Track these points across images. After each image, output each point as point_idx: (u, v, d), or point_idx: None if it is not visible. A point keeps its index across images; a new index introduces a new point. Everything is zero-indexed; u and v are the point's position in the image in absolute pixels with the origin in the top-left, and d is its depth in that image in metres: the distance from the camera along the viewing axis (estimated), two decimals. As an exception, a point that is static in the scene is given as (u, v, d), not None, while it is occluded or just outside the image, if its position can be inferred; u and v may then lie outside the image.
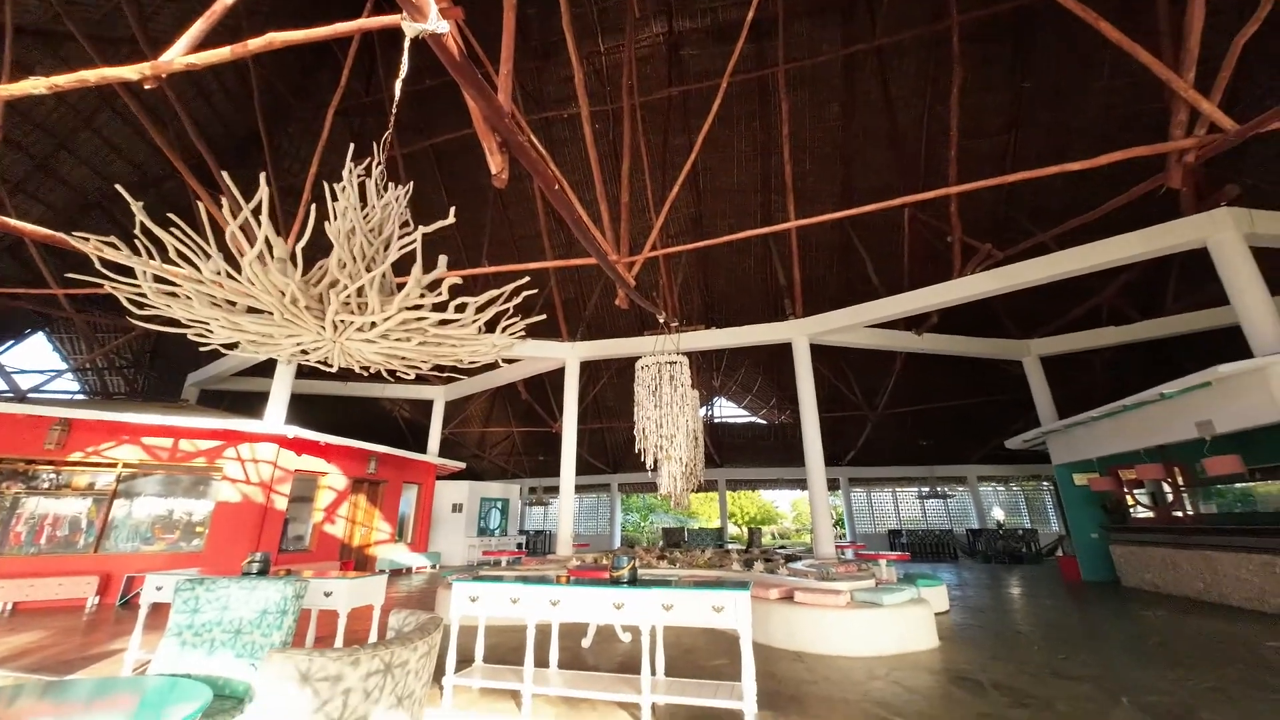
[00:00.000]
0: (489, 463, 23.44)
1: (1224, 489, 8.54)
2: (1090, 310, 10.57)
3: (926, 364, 14.64)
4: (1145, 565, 8.40)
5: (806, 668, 4.29)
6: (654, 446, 7.69)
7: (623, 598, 3.30)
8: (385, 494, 12.37)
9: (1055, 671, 4.12)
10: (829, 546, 8.88)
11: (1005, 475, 18.81)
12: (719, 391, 21.78)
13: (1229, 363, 6.07)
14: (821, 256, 14.42)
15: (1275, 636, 5.19)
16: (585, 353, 11.25)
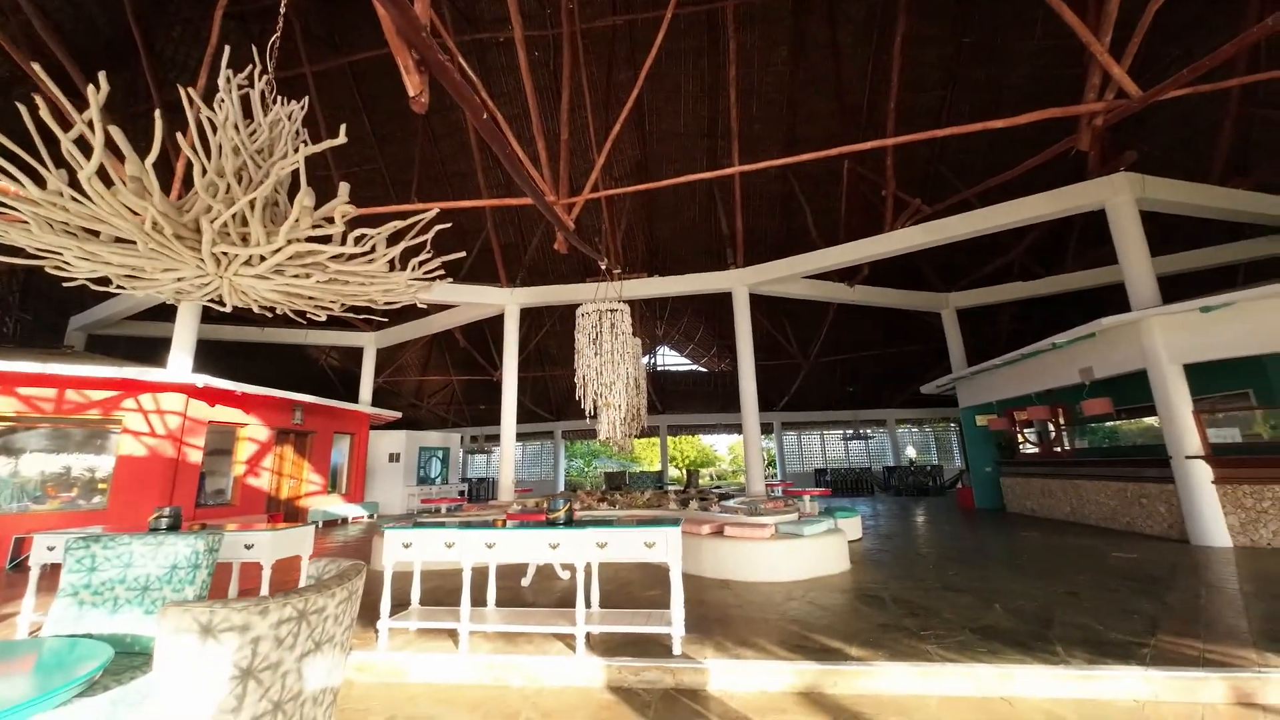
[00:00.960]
0: (427, 412, 22.86)
1: (1095, 428, 9.76)
2: (1002, 267, 11.39)
3: (856, 315, 15.40)
4: (1027, 494, 9.58)
5: (733, 594, 4.65)
6: (594, 394, 7.73)
7: (558, 538, 3.39)
8: (314, 445, 11.84)
9: (945, 585, 4.69)
10: (760, 485, 9.47)
11: (919, 418, 20.56)
12: (662, 340, 22.05)
13: (1111, 316, 6.77)
14: (764, 206, 14.48)
15: (1120, 548, 6.14)
16: (525, 299, 10.95)
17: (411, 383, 22.18)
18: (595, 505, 8.02)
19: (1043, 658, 2.94)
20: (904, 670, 2.89)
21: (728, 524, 5.50)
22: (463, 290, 10.93)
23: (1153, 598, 4.09)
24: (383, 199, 12.47)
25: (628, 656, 3.18)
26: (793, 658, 3.08)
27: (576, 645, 3.26)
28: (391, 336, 13.85)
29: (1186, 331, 6.44)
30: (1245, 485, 5.93)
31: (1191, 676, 2.68)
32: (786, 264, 9.99)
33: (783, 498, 8.64)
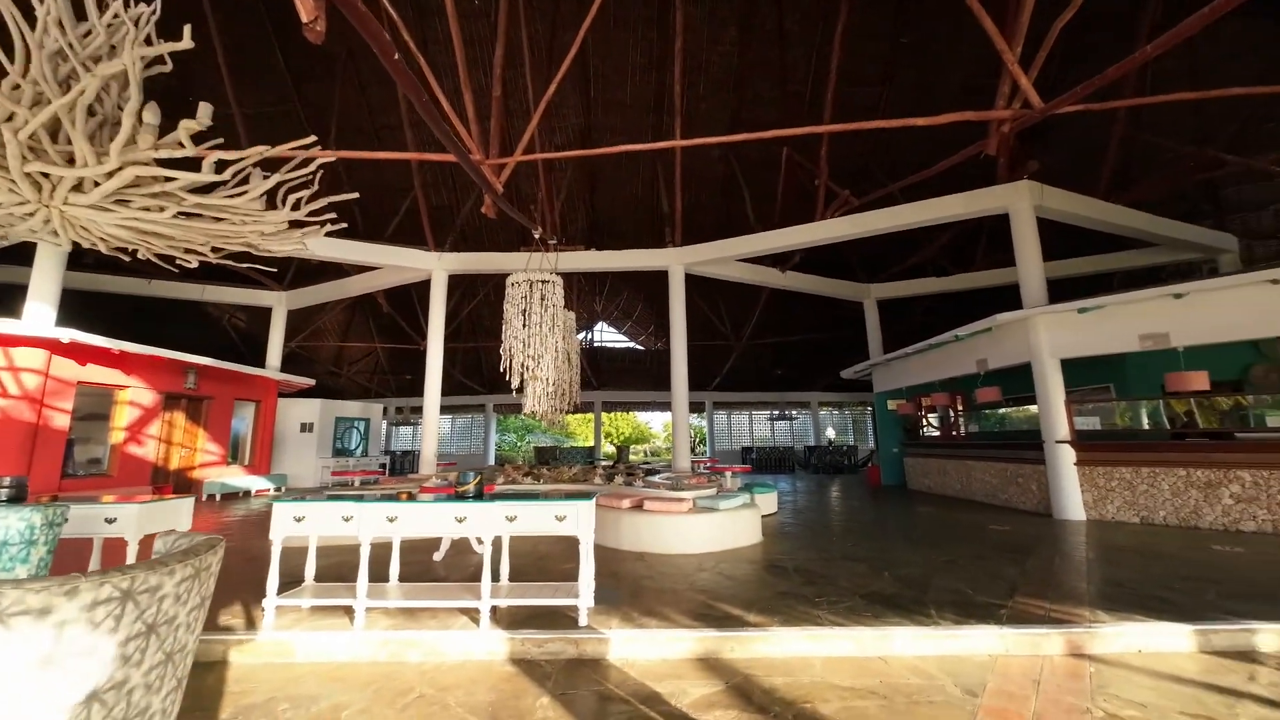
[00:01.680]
0: (348, 381, 21.54)
1: (986, 414, 10.76)
2: (919, 262, 12.14)
3: (787, 300, 15.95)
4: (926, 472, 10.46)
5: (647, 566, 4.75)
6: (520, 366, 7.54)
7: (465, 511, 3.28)
8: (211, 411, 10.83)
9: (845, 555, 5.03)
10: (686, 462, 9.71)
11: (840, 401, 21.84)
12: (601, 316, 21.87)
13: (1005, 312, 7.40)
14: (706, 188, 14.51)
15: (997, 522, 6.85)
16: (453, 265, 10.42)
17: (330, 349, 20.78)
18: (520, 479, 7.91)
19: (918, 620, 3.22)
20: (795, 634, 3.06)
21: (647, 499, 5.59)
22: (385, 251, 10.23)
23: (1016, 565, 4.58)
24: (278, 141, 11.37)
25: (532, 629, 3.16)
26: (694, 626, 3.18)
27: (481, 619, 3.20)
28: (304, 297, 12.80)
29: (1065, 330, 7.17)
30: (1099, 467, 6.76)
31: (1036, 633, 3.03)
32: (723, 246, 10.12)
33: (706, 474, 8.91)
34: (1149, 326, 6.56)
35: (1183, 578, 4.07)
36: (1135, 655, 2.96)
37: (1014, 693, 2.55)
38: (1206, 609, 3.33)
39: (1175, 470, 6.26)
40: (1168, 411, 8.34)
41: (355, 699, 2.62)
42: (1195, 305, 6.30)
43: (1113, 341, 6.82)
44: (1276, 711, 2.36)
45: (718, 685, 2.69)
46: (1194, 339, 6.27)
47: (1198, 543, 5.33)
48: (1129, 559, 4.71)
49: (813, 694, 2.59)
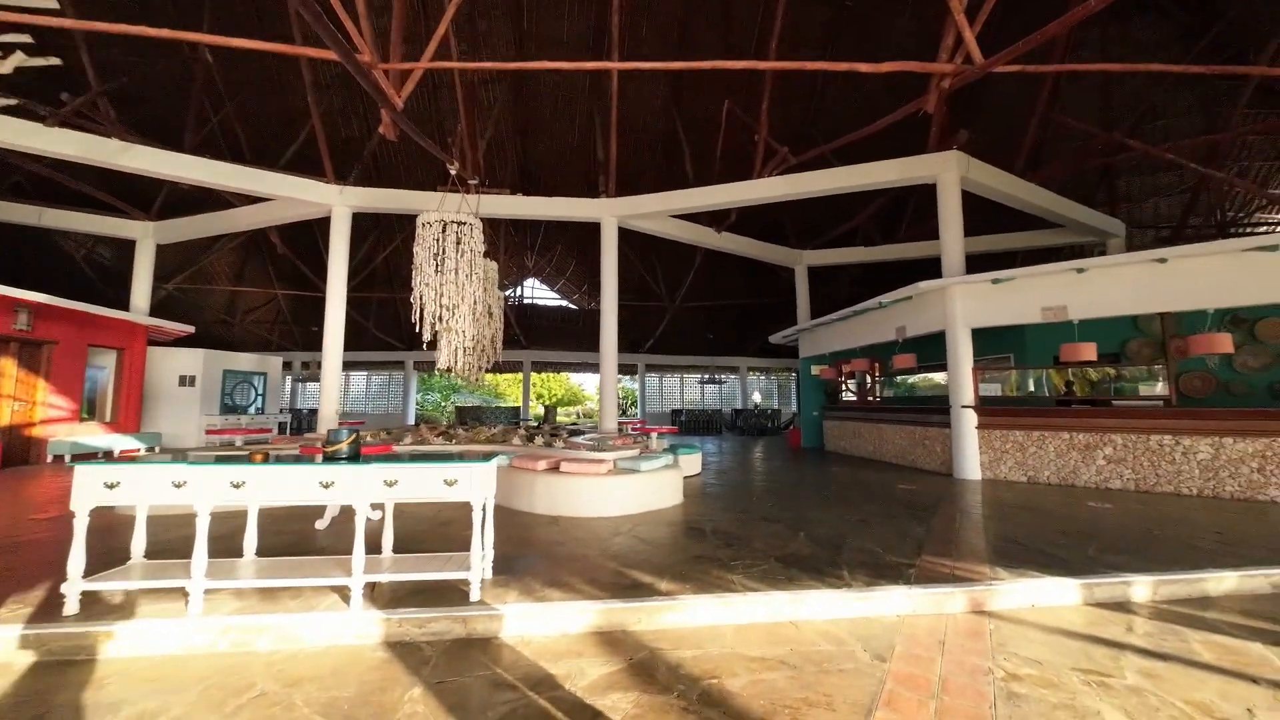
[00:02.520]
0: (244, 330, 19.36)
1: (900, 381, 11.30)
2: (849, 231, 12.32)
3: (722, 263, 15.85)
4: (842, 435, 10.90)
5: (560, 531, 4.44)
6: (432, 317, 6.83)
7: (332, 475, 2.76)
8: (54, 359, 9.17)
9: (763, 516, 4.98)
10: (612, 423, 9.46)
11: (767, 367, 22.48)
12: (532, 272, 20.87)
13: (926, 280, 7.58)
14: (646, 141, 13.85)
15: (905, 481, 7.17)
16: (357, 201, 9.24)
17: (221, 294, 18.50)
18: (432, 440, 7.30)
19: (831, 582, 3.13)
20: (706, 602, 2.87)
21: (564, 460, 5.25)
22: (274, 180, 8.86)
23: (922, 523, 4.72)
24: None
25: (414, 607, 2.75)
26: (600, 596, 2.91)
27: (352, 597, 2.75)
28: (178, 230, 11.01)
29: (977, 300, 7.46)
30: (996, 430, 7.20)
31: (941, 592, 3.03)
32: (658, 199, 9.66)
33: (632, 435, 8.71)
34: (1050, 300, 6.92)
35: (1066, 533, 4.33)
36: (1030, 610, 3.03)
37: (920, 655, 2.49)
38: (1088, 563, 3.50)
39: (1060, 434, 6.76)
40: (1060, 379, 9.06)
41: (171, 702, 2.12)
42: (1092, 281, 6.69)
43: (1018, 313, 7.16)
44: (1152, 661, 2.45)
45: (620, 663, 2.44)
46: (1088, 313, 6.68)
47: (1075, 500, 5.78)
48: (1021, 516, 4.99)
49: (721, 667, 2.40)
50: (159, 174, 8.11)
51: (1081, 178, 11.70)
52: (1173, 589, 3.23)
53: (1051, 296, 6.92)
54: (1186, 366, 7.47)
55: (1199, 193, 11.73)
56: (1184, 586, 3.25)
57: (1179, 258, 6.09)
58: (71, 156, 7.47)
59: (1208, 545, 3.96)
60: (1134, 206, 12.94)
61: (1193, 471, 5.96)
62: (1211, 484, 5.86)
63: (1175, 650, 2.55)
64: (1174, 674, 2.34)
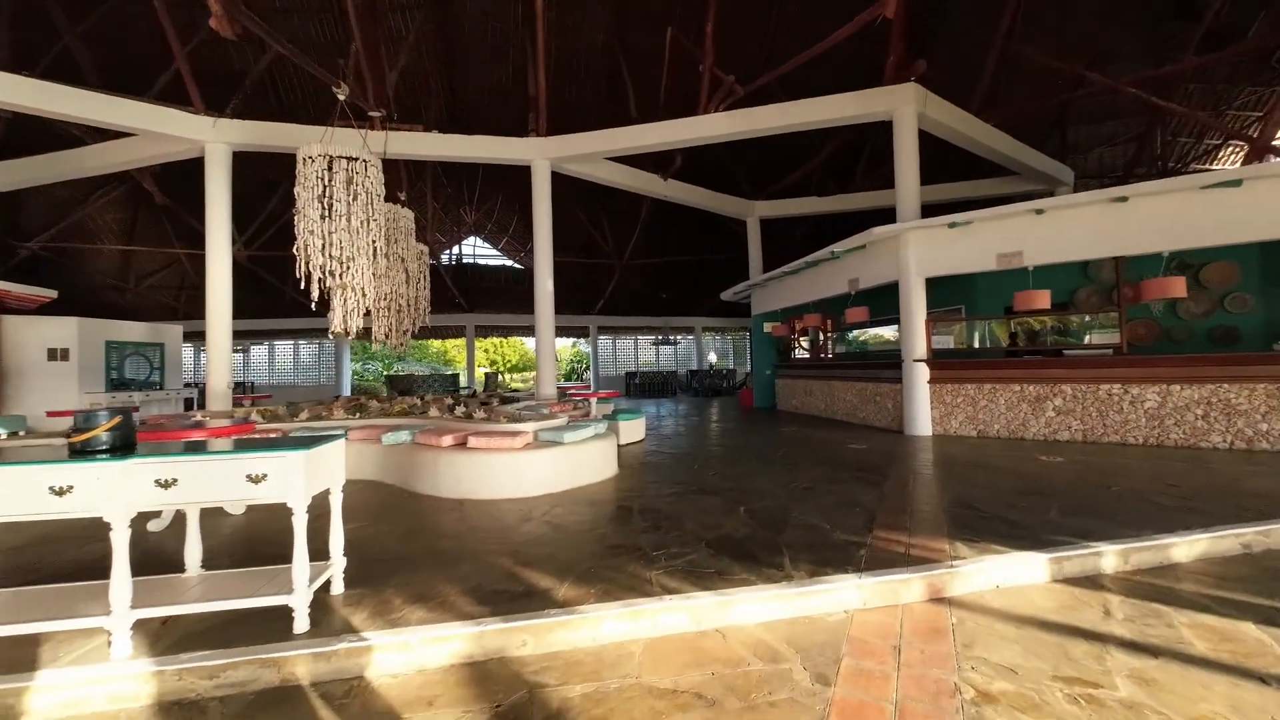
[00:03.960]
0: (141, 297, 17.24)
1: (851, 338, 11.01)
2: (801, 180, 11.67)
3: (671, 217, 15.00)
4: (793, 393, 10.58)
5: (460, 518, 3.75)
6: (319, 270, 5.79)
7: (67, 477, 1.93)
8: None
9: (700, 488, 4.44)
10: (550, 388, 8.73)
11: (722, 326, 22.07)
12: (474, 230, 19.37)
13: (881, 226, 7.06)
14: (589, 83, 12.55)
15: (855, 440, 6.83)
16: (236, 136, 7.82)
17: (109, 255, 16.28)
18: (335, 414, 6.37)
19: (768, 574, 2.58)
20: (612, 614, 2.26)
21: (472, 434, 4.51)
22: (124, 108, 7.32)
23: (873, 487, 4.29)
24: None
25: (212, 648, 2.02)
26: (477, 613, 2.25)
27: (114, 643, 1.98)
28: (11, 174, 9.18)
29: (932, 247, 7.03)
30: (948, 384, 6.92)
31: (896, 579, 2.53)
32: (594, 139, 8.66)
33: (570, 400, 8.03)
34: (1006, 245, 6.54)
35: (1023, 493, 3.98)
36: (995, 594, 2.59)
37: (873, 671, 1.97)
38: (1051, 529, 3.11)
39: (1011, 386, 6.52)
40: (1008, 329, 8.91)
41: None
42: (1049, 224, 6.32)
43: (973, 260, 6.77)
44: (1142, 659, 2.01)
45: (483, 713, 1.80)
46: (1044, 258, 6.35)
47: (1026, 454, 5.54)
48: (976, 476, 4.65)
49: (618, 708, 1.80)
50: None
51: (1032, 125, 11.39)
52: (1143, 556, 2.87)
53: (1007, 242, 6.54)
54: (1133, 314, 7.36)
55: (1145, 142, 11.68)
56: (1154, 554, 2.89)
57: (1140, 195, 5.76)
58: None
59: (1167, 501, 3.67)
60: (1080, 156, 12.85)
61: (1139, 420, 5.82)
62: (1157, 433, 5.73)
63: (1164, 640, 2.14)
64: (1170, 677, 1.91)
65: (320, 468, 2.28)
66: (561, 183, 13.06)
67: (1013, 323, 8.69)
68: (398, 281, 7.93)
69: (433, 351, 35.02)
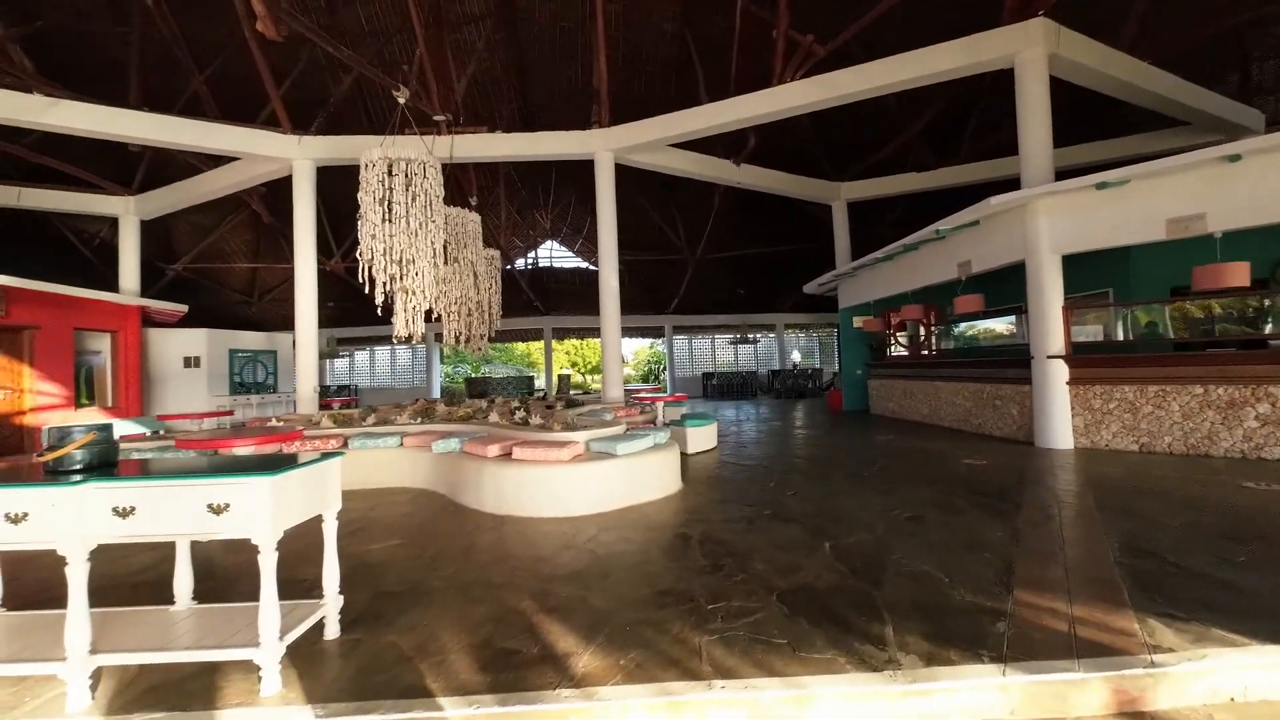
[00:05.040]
0: (263, 310, 19.24)
1: (959, 332, 9.52)
2: (895, 154, 10.29)
3: (746, 206, 14.09)
4: (890, 395, 9.33)
5: (497, 540, 3.35)
6: (384, 274, 5.76)
7: (23, 503, 1.70)
8: (37, 344, 8.80)
9: (777, 512, 3.73)
10: (617, 391, 8.32)
11: (807, 323, 20.62)
12: (550, 234, 19.62)
13: (999, 195, 5.84)
14: (655, 72, 12.04)
15: (971, 453, 5.69)
16: (320, 152, 8.20)
17: (240, 273, 18.26)
18: (399, 419, 6.36)
19: (861, 653, 1.88)
20: (642, 702, 1.69)
21: (517, 444, 4.13)
22: (219, 133, 7.91)
23: (1003, 520, 3.34)
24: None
25: (176, 706, 1.72)
26: (472, 685, 1.78)
27: (69, 696, 1.73)
28: (158, 203, 10.38)
29: (1070, 217, 5.69)
30: (1096, 386, 5.56)
31: (1062, 680, 1.72)
32: (657, 124, 8.12)
33: (637, 404, 7.55)
34: (1181, 208, 5.10)
35: (1237, 538, 2.87)
36: (1227, 710, 1.69)
37: None
38: (1310, 606, 2.09)
39: (1189, 388, 5.07)
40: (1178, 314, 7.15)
41: None
42: (1245, 175, 4.83)
43: (1130, 229, 5.38)
44: None
45: None
46: (1237, 221, 4.86)
47: (1221, 478, 4.20)
48: (1151, 508, 3.51)
49: None
50: (95, 132, 7.31)
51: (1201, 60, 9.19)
52: None
53: (1182, 203, 5.10)
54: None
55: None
56: None
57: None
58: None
59: None
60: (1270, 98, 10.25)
61: (1401, 435, 4.23)
62: None
63: None
64: None
65: (298, 494, 1.93)
66: (630, 178, 12.64)
67: (1176, 308, 6.96)
68: (466, 285, 7.91)
69: (517, 354, 36.31)
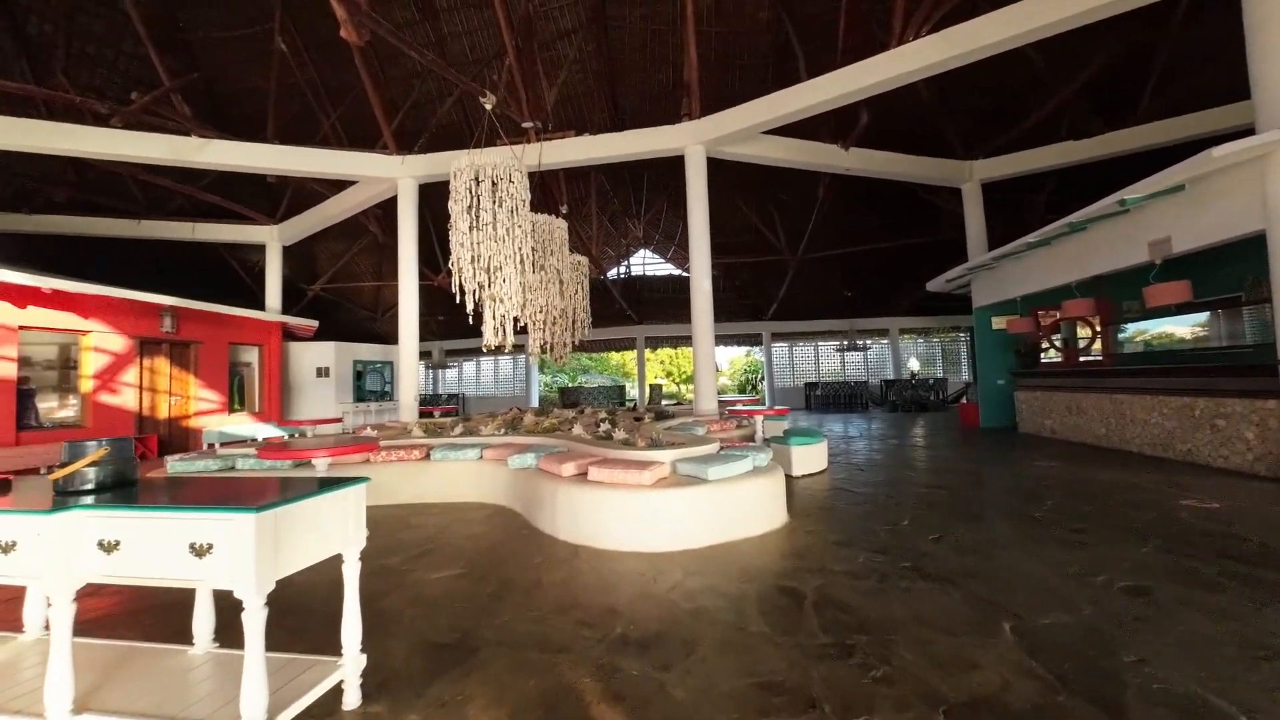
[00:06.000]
0: (388, 325, 21.10)
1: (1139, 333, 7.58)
2: (1045, 120, 8.54)
3: (854, 198, 12.76)
4: (1047, 410, 7.65)
5: (566, 578, 2.86)
6: (472, 280, 5.65)
7: (10, 531, 1.47)
8: (201, 357, 10.09)
9: (917, 565, 2.85)
10: (710, 402, 7.63)
11: (926, 327, 18.36)
12: (643, 242, 19.48)
13: (1223, 145, 4.37)
14: (751, 64, 11.29)
15: (1186, 490, 4.25)
16: (422, 169, 8.53)
17: (368, 291, 20.19)
18: (482, 430, 6.22)
19: None
20: None
21: (593, 463, 3.64)
22: (331, 158, 8.51)
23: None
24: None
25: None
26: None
27: (50, 762, 1.46)
28: (294, 229, 11.59)
29: (1345, 167, 4.08)
30: (1399, 401, 3.88)
31: None
32: (752, 109, 7.38)
33: (732, 418, 6.82)
34: None
35: None
36: None
37: None
38: None
39: None
40: None
41: None
42: None
43: None
44: None
45: None
46: None
47: None
48: None
49: None
50: (235, 166, 8.20)
51: None
52: None
53: None
54: None
55: None
56: None
57: None
58: (160, 159, 7.78)
59: None
60: None
61: None
62: None
63: None
64: None
65: (300, 533, 1.54)
66: (724, 176, 11.95)
67: None
68: (552, 293, 7.73)
69: (613, 364, 36.74)
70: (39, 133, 7.49)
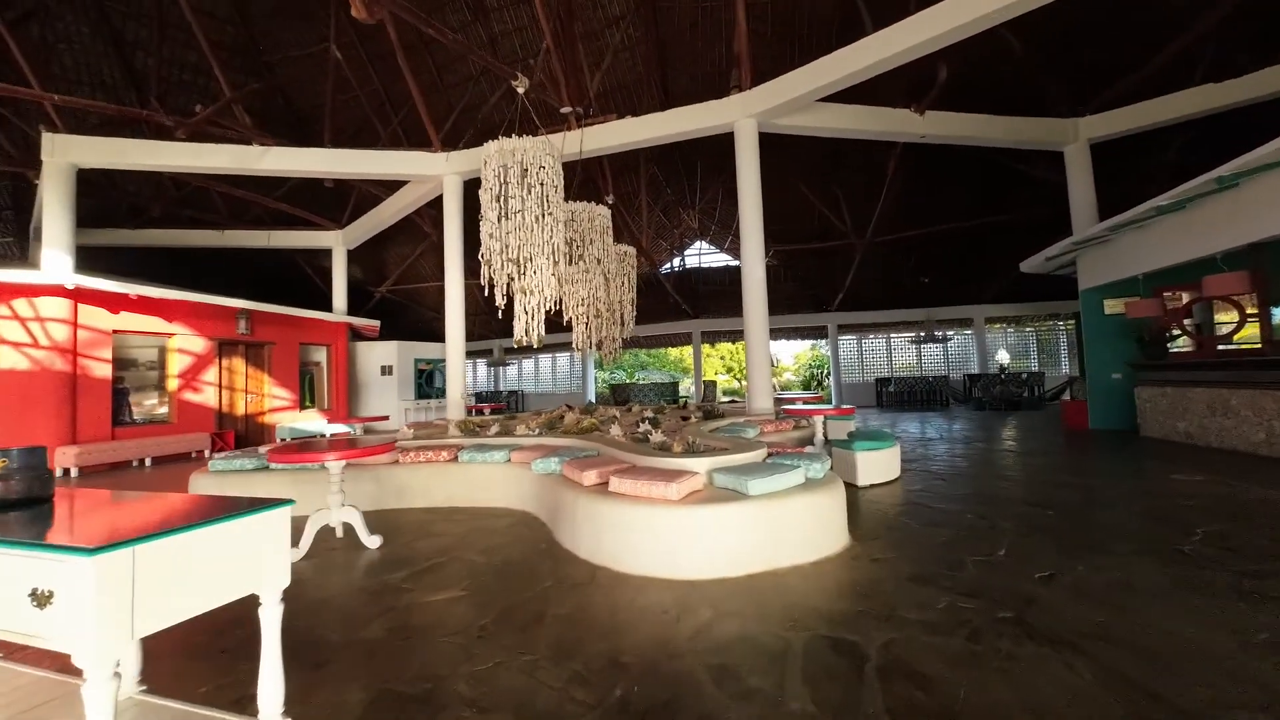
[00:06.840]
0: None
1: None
2: (1172, 62, 7.10)
3: (930, 171, 11.47)
4: (1181, 411, 6.36)
5: (577, 608, 2.44)
6: (501, 272, 5.39)
7: None
8: (274, 357, 10.66)
9: (1022, 617, 2.18)
10: (765, 400, 6.98)
11: (1017, 315, 16.43)
12: (698, 234, 18.82)
13: None
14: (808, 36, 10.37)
15: (1405, 520, 3.19)
16: (465, 165, 8.44)
17: (430, 292, 20.92)
18: (526, 429, 5.97)
19: None
20: None
21: (616, 471, 3.19)
22: (378, 159, 8.60)
23: None
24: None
25: None
26: None
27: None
28: (356, 232, 12.02)
29: None
30: None
31: None
32: (808, 73, 6.61)
33: (788, 418, 6.17)
34: None
35: None
36: None
37: None
38: None
39: None
40: None
41: None
42: None
43: None
44: None
45: None
46: None
47: None
48: None
49: None
50: (291, 171, 8.48)
51: None
52: None
53: None
54: None
55: None
56: None
57: None
58: (226, 169, 8.17)
59: None
60: None
61: None
62: None
63: None
64: None
65: (174, 578, 1.20)
66: (781, 156, 11.08)
67: None
68: (595, 285, 7.38)
69: (670, 360, 36.18)
70: (134, 151, 8.09)
